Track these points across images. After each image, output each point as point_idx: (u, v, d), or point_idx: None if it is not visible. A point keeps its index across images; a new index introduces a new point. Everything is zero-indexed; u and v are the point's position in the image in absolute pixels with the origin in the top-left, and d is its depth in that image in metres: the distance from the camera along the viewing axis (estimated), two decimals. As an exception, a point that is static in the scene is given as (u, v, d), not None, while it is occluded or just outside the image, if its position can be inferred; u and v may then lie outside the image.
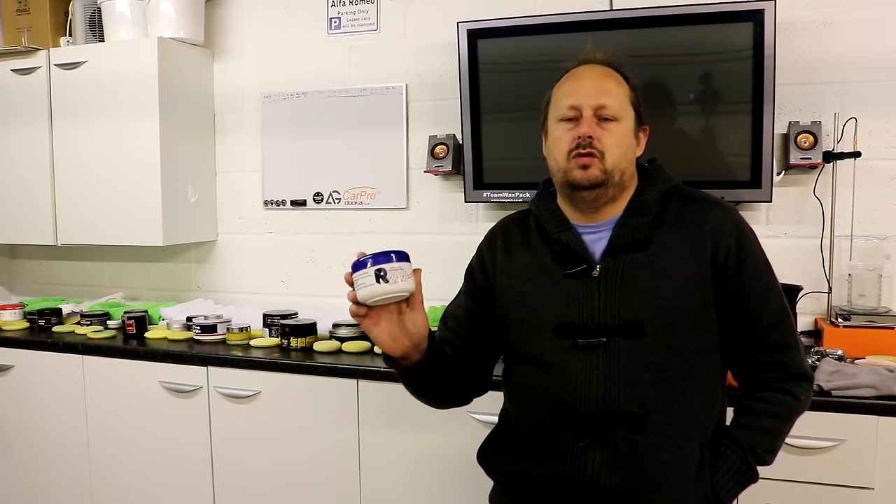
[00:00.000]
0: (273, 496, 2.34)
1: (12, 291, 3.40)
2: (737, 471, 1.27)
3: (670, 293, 1.25)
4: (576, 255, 1.32)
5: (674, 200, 1.34)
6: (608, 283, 1.28)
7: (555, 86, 1.38)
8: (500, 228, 1.48)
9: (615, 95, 1.30)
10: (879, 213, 2.26)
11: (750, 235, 1.32)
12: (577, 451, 1.26)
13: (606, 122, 1.29)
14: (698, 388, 1.28)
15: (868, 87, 2.24)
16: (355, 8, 2.78)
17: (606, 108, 1.29)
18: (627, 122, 1.31)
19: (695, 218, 1.30)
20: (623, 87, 1.33)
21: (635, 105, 1.34)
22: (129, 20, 2.78)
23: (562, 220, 1.36)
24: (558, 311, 1.30)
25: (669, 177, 1.37)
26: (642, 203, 1.32)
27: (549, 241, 1.36)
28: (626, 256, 1.29)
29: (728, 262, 1.28)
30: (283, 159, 2.89)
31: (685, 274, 1.26)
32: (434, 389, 1.42)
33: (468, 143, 2.45)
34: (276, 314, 2.52)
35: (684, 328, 1.25)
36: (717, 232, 1.29)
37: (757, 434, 1.29)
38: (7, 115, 2.90)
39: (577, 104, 1.29)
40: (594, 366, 1.26)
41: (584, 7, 2.36)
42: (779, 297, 1.32)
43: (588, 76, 1.33)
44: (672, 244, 1.29)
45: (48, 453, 2.64)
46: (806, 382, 1.31)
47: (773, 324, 1.29)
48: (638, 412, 1.24)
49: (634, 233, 1.30)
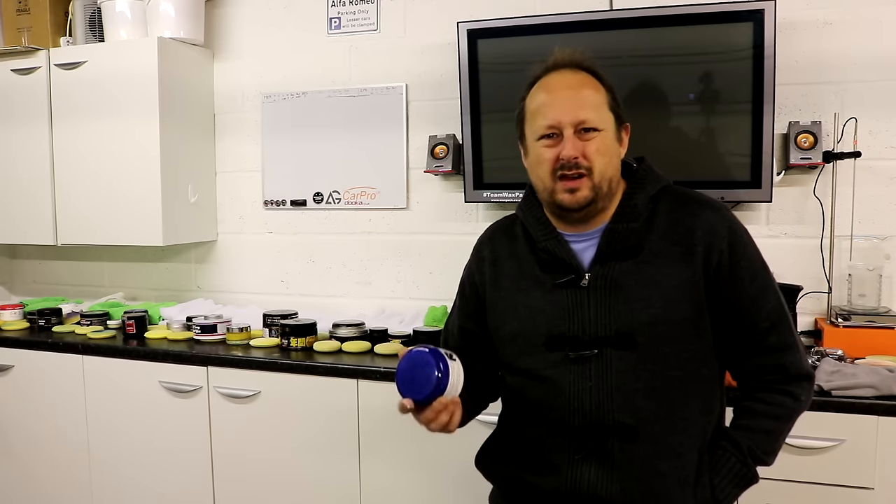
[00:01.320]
0: (273, 496, 2.34)
1: (12, 291, 3.40)
2: (736, 474, 1.26)
3: (661, 301, 1.23)
4: (563, 263, 1.29)
5: (664, 202, 1.30)
6: (598, 292, 1.25)
7: (526, 97, 1.31)
8: (486, 238, 1.45)
9: (593, 105, 1.25)
10: (879, 213, 2.26)
11: (743, 237, 1.28)
12: (573, 464, 1.25)
13: (588, 133, 1.24)
14: (694, 395, 1.26)
15: (868, 87, 2.24)
16: (355, 8, 2.77)
17: (587, 122, 1.23)
18: (609, 128, 1.26)
19: (686, 221, 1.27)
20: (599, 92, 1.27)
21: (614, 108, 1.28)
22: (129, 20, 2.78)
23: (549, 228, 1.32)
24: (549, 322, 1.28)
25: (659, 176, 1.33)
26: (632, 208, 1.28)
27: (536, 250, 1.33)
28: (615, 264, 1.26)
29: (721, 267, 1.24)
30: (283, 159, 2.89)
31: (676, 281, 1.23)
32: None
33: (468, 143, 2.45)
34: (276, 314, 2.52)
35: (676, 336, 1.23)
36: (709, 236, 1.25)
37: (757, 436, 1.28)
38: (7, 115, 2.90)
39: (555, 123, 1.24)
40: (586, 378, 1.24)
41: (584, 7, 2.36)
42: (775, 297, 1.28)
43: (562, 88, 1.27)
44: (662, 250, 1.25)
45: (48, 453, 2.64)
46: (806, 382, 1.29)
47: (770, 326, 1.27)
48: (631, 423, 1.22)
49: (624, 239, 1.27)
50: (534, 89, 1.31)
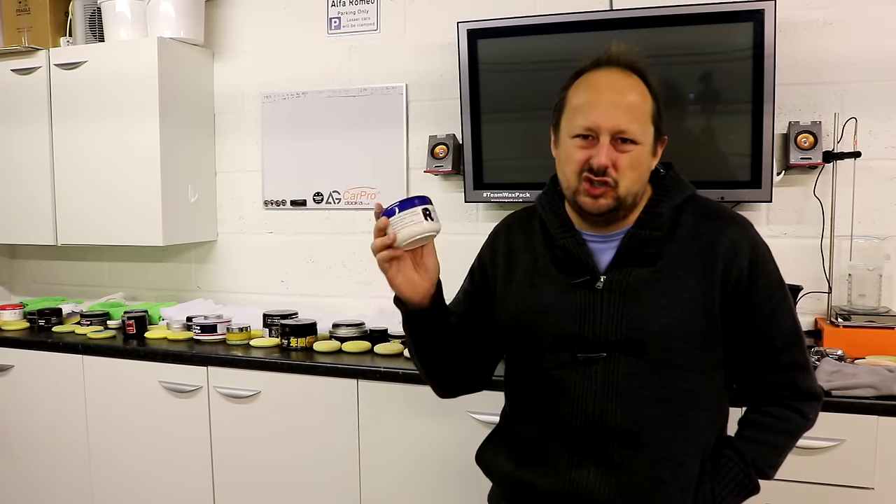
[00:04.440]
0: (273, 496, 2.34)
1: (12, 291, 3.40)
2: (738, 483, 1.26)
3: (676, 312, 1.21)
4: (579, 263, 1.27)
5: (688, 213, 1.28)
6: (612, 296, 1.24)
7: (570, 88, 1.26)
8: (503, 228, 1.44)
9: (637, 115, 1.20)
10: (879, 213, 2.26)
11: (765, 255, 1.27)
12: (573, 466, 1.24)
13: (624, 145, 1.19)
14: (700, 406, 1.25)
15: (868, 87, 2.24)
16: (355, 8, 2.78)
17: (627, 133, 1.19)
18: (647, 142, 1.22)
19: (708, 235, 1.25)
20: (646, 101, 1.22)
21: (656, 120, 1.24)
22: (129, 20, 2.78)
23: (567, 226, 1.30)
24: (559, 321, 1.26)
25: (686, 185, 1.30)
26: (656, 216, 1.26)
27: (552, 247, 1.31)
28: (632, 270, 1.24)
29: (739, 284, 1.23)
30: (283, 159, 2.89)
31: (693, 293, 1.22)
32: (438, 350, 1.35)
33: (468, 143, 2.45)
34: (276, 314, 2.52)
35: (688, 348, 1.22)
36: (731, 252, 1.23)
37: (762, 448, 1.28)
38: (7, 115, 2.90)
39: (594, 126, 1.19)
40: (592, 381, 1.23)
41: (584, 7, 2.36)
42: (790, 316, 1.28)
43: (608, 90, 1.21)
44: (682, 261, 1.24)
45: (48, 453, 2.64)
46: (815, 402, 1.30)
47: (784, 345, 1.27)
48: (634, 429, 1.21)
49: (644, 246, 1.25)
50: (579, 82, 1.26)
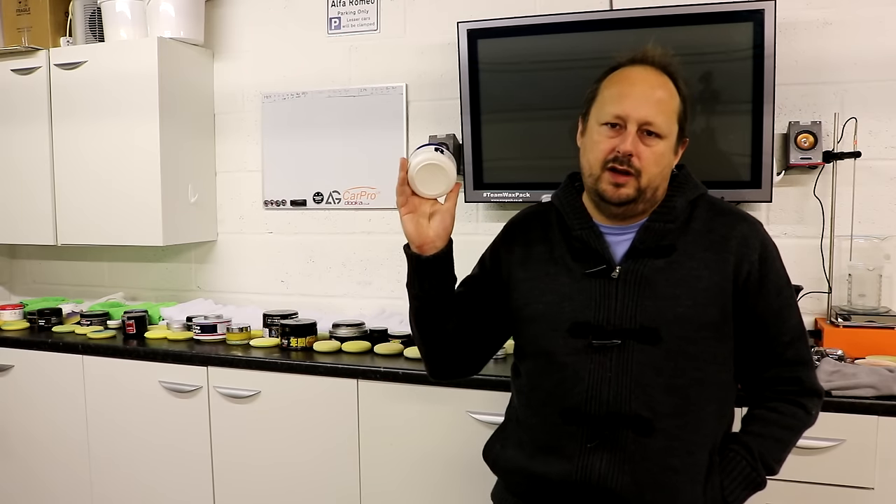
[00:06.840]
0: (273, 496, 2.34)
1: (12, 291, 3.40)
2: (746, 477, 1.28)
3: (690, 302, 1.25)
4: (595, 254, 1.31)
5: (701, 209, 1.33)
6: (627, 285, 1.27)
7: (603, 80, 1.32)
8: (519, 220, 1.46)
9: (665, 111, 1.26)
10: (879, 213, 2.26)
11: (773, 252, 1.32)
12: (585, 453, 1.26)
13: (650, 138, 1.25)
14: (711, 397, 1.28)
15: (868, 87, 2.24)
16: (355, 8, 2.78)
17: (653, 125, 1.24)
18: (671, 138, 1.28)
19: (721, 230, 1.29)
20: (675, 99, 1.28)
21: (682, 120, 1.30)
22: (129, 20, 2.78)
23: (585, 217, 1.34)
24: (574, 309, 1.29)
25: (697, 184, 1.36)
26: (670, 209, 1.31)
27: (569, 238, 1.34)
28: (647, 261, 1.28)
29: (750, 278, 1.27)
30: (283, 159, 2.89)
31: (706, 284, 1.26)
32: (436, 315, 1.39)
33: (468, 143, 2.45)
34: (276, 314, 2.52)
35: (702, 338, 1.26)
36: (742, 247, 1.28)
37: (768, 442, 1.30)
38: (7, 115, 2.90)
39: (623, 115, 1.24)
40: (606, 368, 1.25)
41: (584, 7, 2.36)
42: (797, 313, 1.33)
43: (641, 83, 1.27)
44: (695, 254, 1.28)
45: (48, 453, 2.64)
46: (817, 399, 1.33)
47: (791, 340, 1.31)
48: (648, 416, 1.23)
49: (659, 238, 1.29)
50: (614, 74, 1.31)
